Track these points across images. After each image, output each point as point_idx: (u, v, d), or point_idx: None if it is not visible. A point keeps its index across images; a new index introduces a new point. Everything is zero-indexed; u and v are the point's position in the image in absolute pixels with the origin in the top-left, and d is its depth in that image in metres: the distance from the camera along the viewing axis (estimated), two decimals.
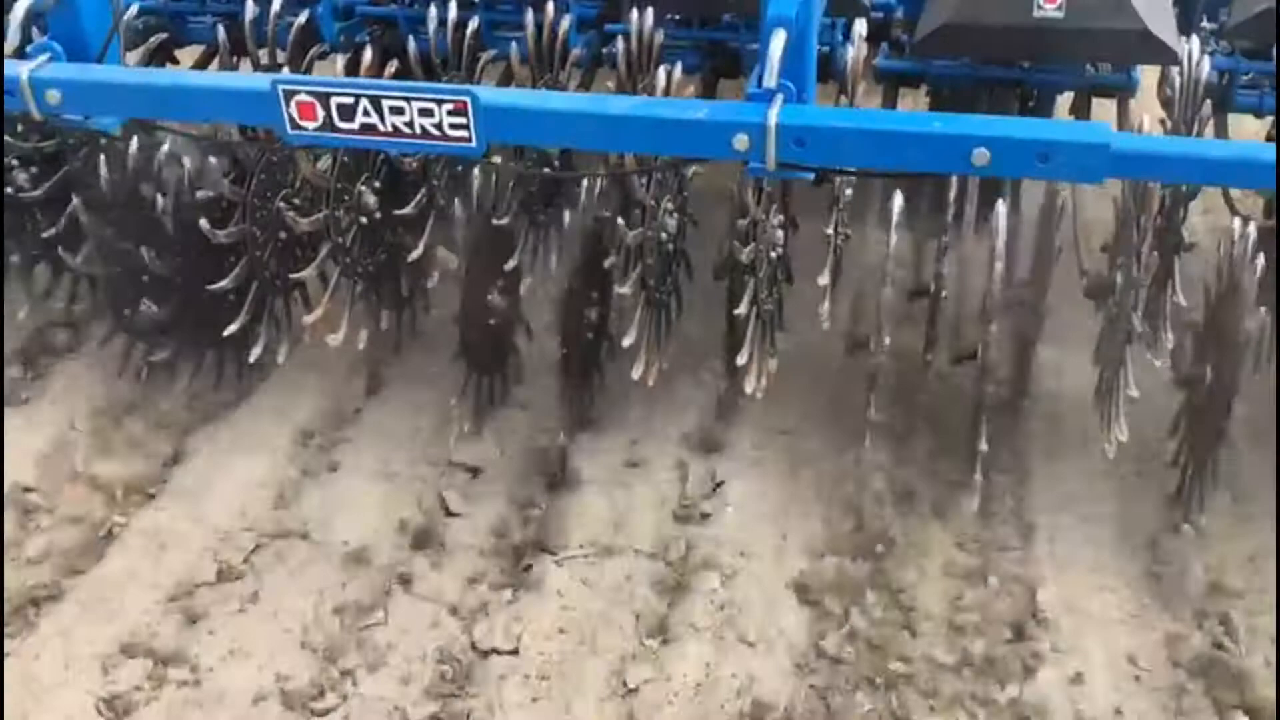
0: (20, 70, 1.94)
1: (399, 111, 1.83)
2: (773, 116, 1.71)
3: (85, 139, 2.90)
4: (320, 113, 1.86)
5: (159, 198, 2.70)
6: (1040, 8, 2.64)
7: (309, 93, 1.85)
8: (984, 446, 2.54)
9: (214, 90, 1.97)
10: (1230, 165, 1.76)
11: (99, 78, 1.97)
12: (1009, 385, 2.72)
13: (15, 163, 2.92)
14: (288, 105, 1.86)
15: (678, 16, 3.15)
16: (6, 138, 2.86)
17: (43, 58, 1.98)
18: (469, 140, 1.83)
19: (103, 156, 2.71)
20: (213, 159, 2.62)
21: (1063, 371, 2.91)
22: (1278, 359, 2.69)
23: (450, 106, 1.81)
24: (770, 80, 1.72)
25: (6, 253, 2.99)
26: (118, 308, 2.91)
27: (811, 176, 1.91)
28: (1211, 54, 2.87)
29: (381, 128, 1.85)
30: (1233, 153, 1.80)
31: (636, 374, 2.61)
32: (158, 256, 2.72)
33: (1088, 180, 1.71)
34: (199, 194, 2.70)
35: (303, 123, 1.87)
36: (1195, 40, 2.61)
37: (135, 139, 2.69)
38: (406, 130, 1.85)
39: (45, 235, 2.95)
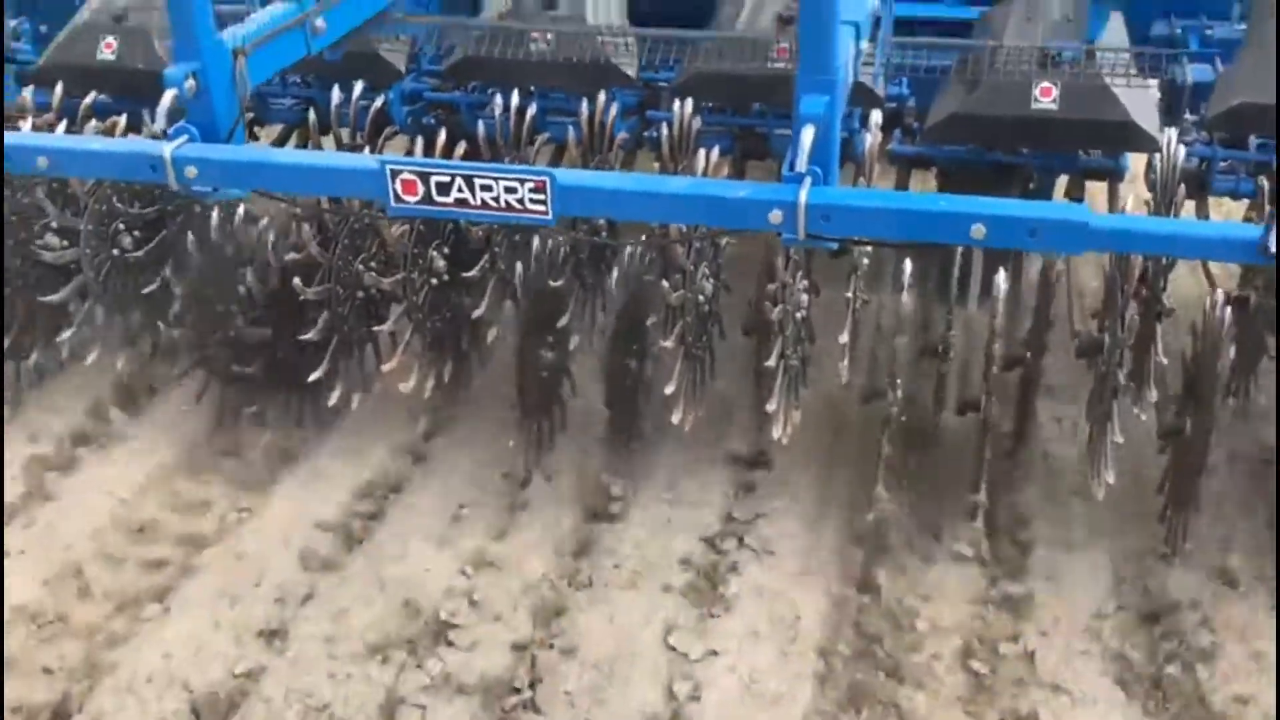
0: (164, 150, 2.30)
1: (488, 188, 2.18)
2: (803, 196, 2.05)
3: (182, 206, 3.29)
4: (420, 189, 2.21)
5: (252, 260, 3.09)
6: (1037, 100, 2.98)
7: (412, 172, 2.20)
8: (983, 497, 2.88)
9: (329, 168, 2.33)
10: (1189, 240, 2.09)
11: (230, 156, 2.33)
12: (1010, 435, 3.04)
13: (121, 226, 3.30)
14: (393, 182, 2.21)
15: (712, 105, 3.51)
16: (116, 203, 3.23)
17: (182, 139, 2.34)
18: (546, 213, 2.18)
19: (208, 221, 3.09)
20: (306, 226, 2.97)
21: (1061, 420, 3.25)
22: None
23: (532, 185, 2.16)
24: (801, 166, 2.06)
25: (112, 307, 3.35)
26: (209, 359, 3.28)
27: (835, 246, 2.24)
28: (1190, 143, 3.21)
29: (472, 201, 2.19)
30: (1191, 230, 2.14)
31: (675, 419, 2.93)
32: (247, 313, 3.09)
33: (1069, 251, 2.03)
34: (288, 256, 3.07)
35: (405, 197, 2.22)
36: (1174, 131, 2.94)
37: (228, 207, 3.08)
38: (493, 204, 2.19)
39: (145, 292, 3.33)
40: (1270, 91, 2.87)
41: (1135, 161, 3.39)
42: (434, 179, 2.20)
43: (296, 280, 2.93)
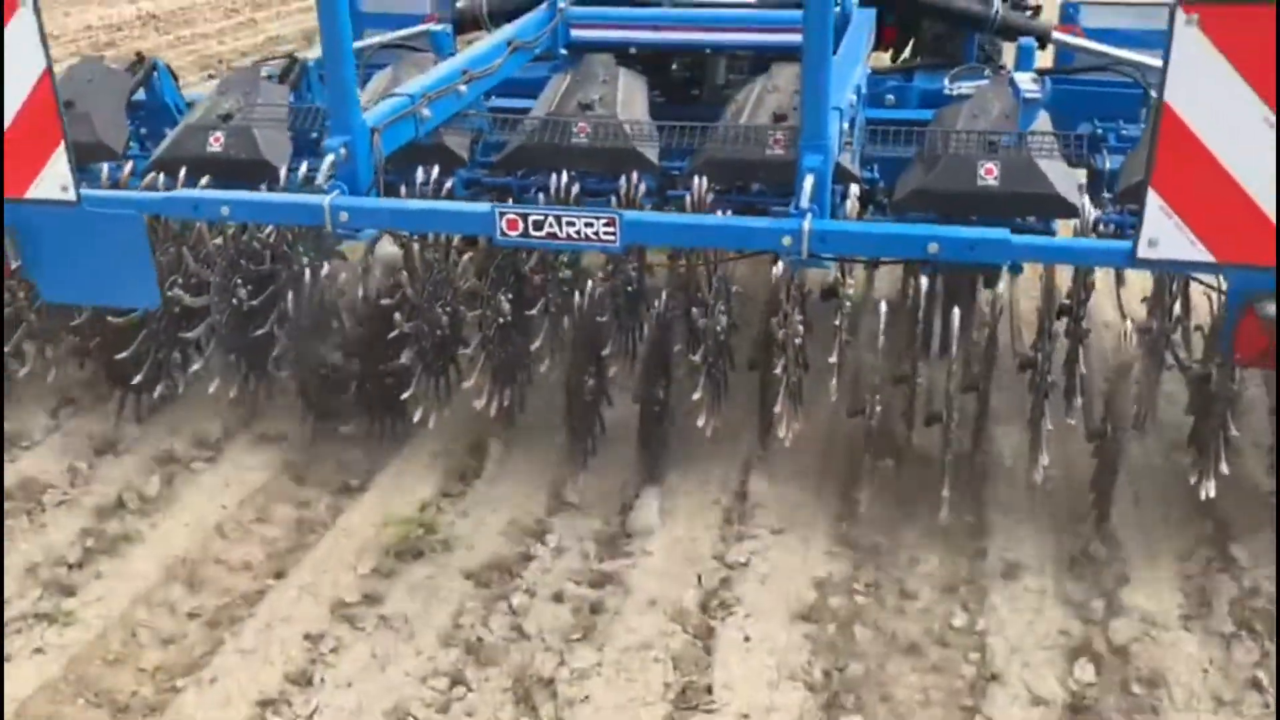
0: (324, 200, 3.07)
1: (571, 224, 2.95)
2: (806, 225, 2.82)
3: (290, 265, 4.04)
4: (520, 225, 2.98)
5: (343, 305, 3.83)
6: (982, 178, 3.77)
7: (515, 214, 2.97)
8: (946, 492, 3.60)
9: (451, 212, 3.10)
10: (1081, 251, 2.90)
11: (373, 205, 3.09)
12: (967, 438, 3.78)
13: (239, 281, 4.04)
14: (500, 221, 2.98)
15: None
16: (239, 262, 3.99)
17: (335, 193, 3.10)
18: (615, 242, 2.94)
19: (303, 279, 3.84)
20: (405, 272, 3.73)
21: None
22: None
23: (605, 221, 2.93)
24: (804, 204, 2.84)
25: (228, 347, 4.07)
26: (309, 391, 4.00)
27: (832, 267, 3.01)
28: (1104, 210, 4.01)
29: (559, 234, 2.96)
30: (1082, 245, 2.94)
31: (700, 423, 3.66)
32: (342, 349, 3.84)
33: (996, 260, 2.80)
34: (382, 300, 3.81)
35: (509, 232, 2.99)
36: (1088, 200, 3.73)
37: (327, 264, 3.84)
38: (575, 235, 2.95)
39: (254, 335, 4.07)
40: None
41: (1063, 227, 4.18)
42: (531, 218, 2.97)
43: (396, 315, 3.67)
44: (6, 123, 3.16)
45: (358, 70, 3.54)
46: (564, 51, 4.59)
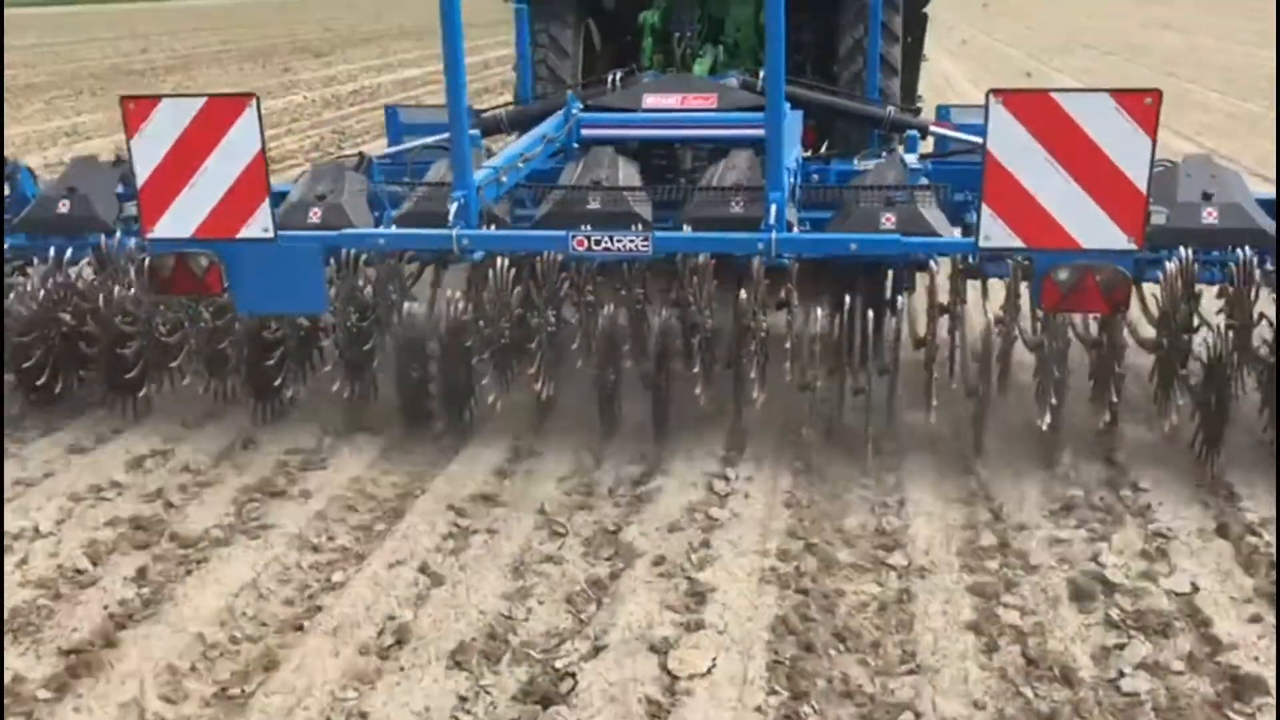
0: (453, 232, 4.63)
1: (619, 240, 4.54)
2: (774, 235, 4.45)
3: (385, 303, 5.54)
4: (586, 243, 4.56)
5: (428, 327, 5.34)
6: (884, 224, 5.41)
7: (582, 235, 4.55)
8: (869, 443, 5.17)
9: (539, 236, 4.68)
10: (942, 245, 4.55)
11: (485, 234, 4.65)
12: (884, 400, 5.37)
13: (352, 308, 5.51)
14: (572, 241, 4.56)
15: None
16: (355, 294, 5.46)
17: (458, 227, 4.66)
18: (649, 250, 4.55)
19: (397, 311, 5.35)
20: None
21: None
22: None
23: (642, 237, 4.53)
24: (771, 222, 4.47)
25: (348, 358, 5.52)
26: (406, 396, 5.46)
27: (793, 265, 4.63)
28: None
29: (611, 247, 4.55)
30: (944, 241, 4.60)
31: (697, 392, 5.18)
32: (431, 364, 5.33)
33: (885, 251, 4.49)
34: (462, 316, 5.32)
35: (577, 248, 4.57)
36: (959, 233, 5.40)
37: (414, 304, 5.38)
38: (621, 248, 4.55)
39: (363, 350, 5.54)
40: None
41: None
42: (593, 238, 4.56)
43: (481, 323, 5.18)
44: (225, 186, 4.67)
45: (408, 165, 5.24)
46: (575, 145, 6.22)
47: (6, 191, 6.16)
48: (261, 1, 72.22)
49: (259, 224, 4.69)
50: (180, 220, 4.74)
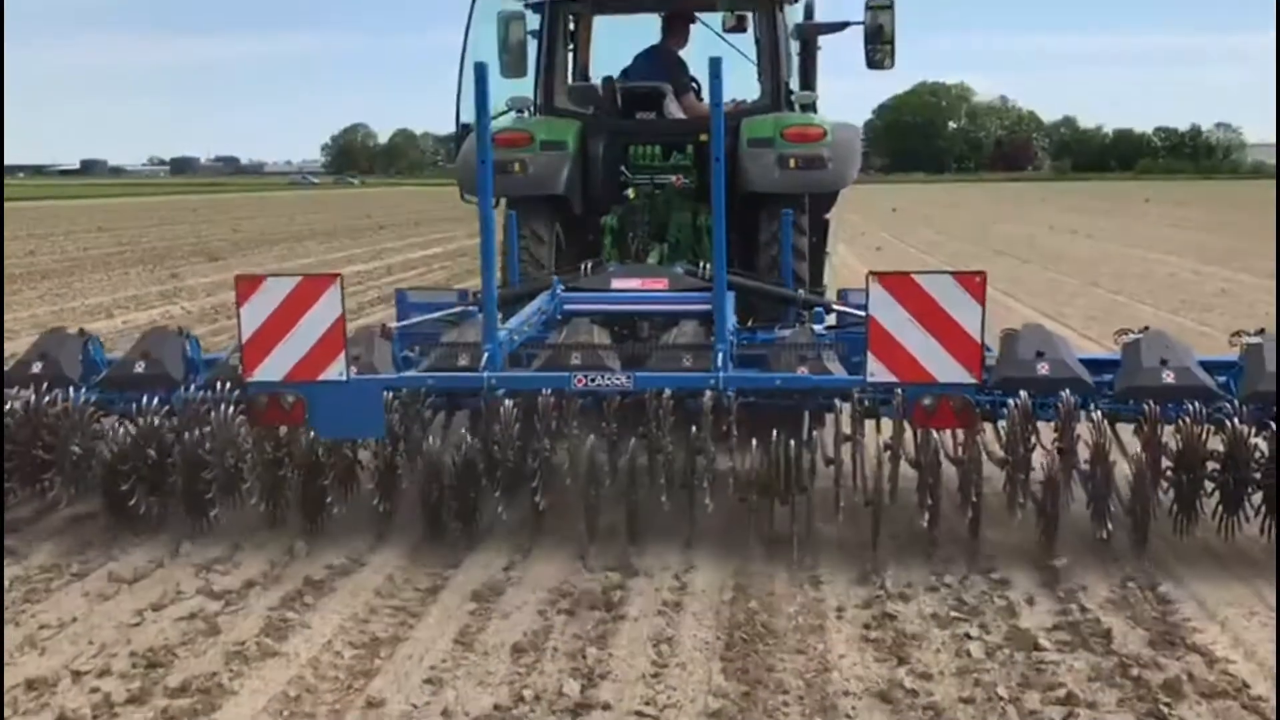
0: (485, 375, 6.26)
1: (607, 378, 6.21)
2: (722, 374, 6.15)
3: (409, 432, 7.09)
4: (585, 382, 6.23)
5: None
6: (798, 372, 7.16)
7: (581, 375, 6.21)
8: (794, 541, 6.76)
9: (548, 377, 6.32)
10: (843, 383, 6.29)
11: (509, 376, 6.27)
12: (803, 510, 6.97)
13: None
14: (573, 380, 6.22)
15: None
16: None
17: (488, 371, 6.29)
18: (631, 386, 6.21)
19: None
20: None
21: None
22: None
23: (626, 376, 6.20)
24: (719, 365, 6.18)
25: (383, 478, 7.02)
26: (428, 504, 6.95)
27: (733, 403, 6.32)
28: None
29: (604, 384, 6.22)
30: (842, 379, 6.34)
31: (663, 499, 6.74)
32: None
33: (804, 386, 6.20)
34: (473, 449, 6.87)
35: (578, 386, 6.23)
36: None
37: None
38: (610, 385, 6.20)
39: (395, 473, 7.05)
40: None
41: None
42: (589, 377, 6.23)
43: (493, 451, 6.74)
44: (311, 342, 6.28)
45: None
46: (559, 316, 7.97)
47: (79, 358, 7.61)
48: (179, 202, 73.81)
49: (336, 369, 6.29)
50: (274, 368, 6.32)
